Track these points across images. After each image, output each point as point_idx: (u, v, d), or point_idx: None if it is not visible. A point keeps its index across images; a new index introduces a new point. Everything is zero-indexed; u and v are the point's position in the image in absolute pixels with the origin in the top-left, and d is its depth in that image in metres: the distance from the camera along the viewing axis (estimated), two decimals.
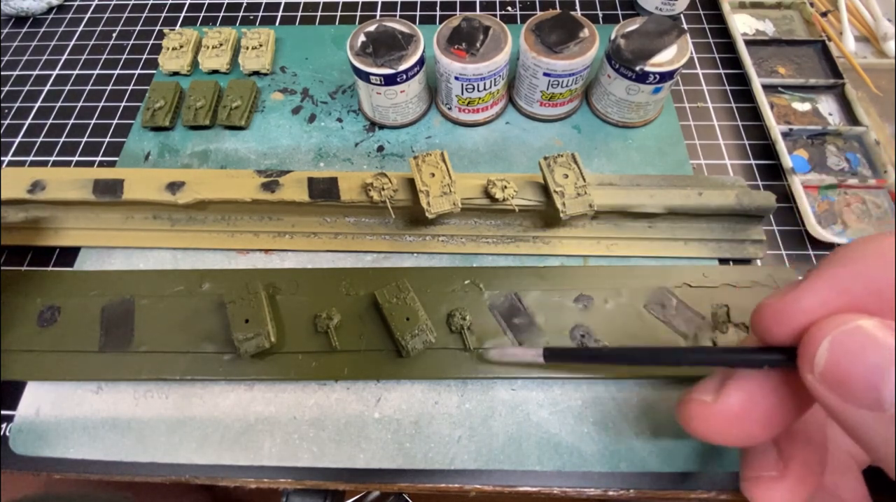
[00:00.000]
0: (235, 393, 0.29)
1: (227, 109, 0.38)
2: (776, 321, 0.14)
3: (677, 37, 0.34)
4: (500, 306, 0.30)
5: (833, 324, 0.13)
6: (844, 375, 0.12)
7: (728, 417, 0.16)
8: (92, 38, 0.46)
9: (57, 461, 0.28)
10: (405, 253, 0.33)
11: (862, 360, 0.12)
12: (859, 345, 0.12)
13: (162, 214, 0.34)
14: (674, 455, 0.27)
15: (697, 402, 0.16)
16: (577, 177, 0.30)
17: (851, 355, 0.12)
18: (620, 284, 0.30)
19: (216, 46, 0.42)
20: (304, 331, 0.29)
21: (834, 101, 0.39)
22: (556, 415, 0.28)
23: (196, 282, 0.31)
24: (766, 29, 0.44)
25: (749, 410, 0.15)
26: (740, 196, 0.31)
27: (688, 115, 0.39)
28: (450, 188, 0.30)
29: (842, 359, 0.12)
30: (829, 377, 0.12)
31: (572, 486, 0.27)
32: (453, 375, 0.28)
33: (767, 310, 0.15)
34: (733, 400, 0.15)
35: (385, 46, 0.34)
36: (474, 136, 0.38)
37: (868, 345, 0.12)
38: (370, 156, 0.38)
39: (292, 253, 0.34)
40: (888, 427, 0.11)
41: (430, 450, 0.27)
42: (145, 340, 0.29)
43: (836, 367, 0.12)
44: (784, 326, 0.14)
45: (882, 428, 0.11)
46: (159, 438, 0.28)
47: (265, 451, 0.28)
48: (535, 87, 0.36)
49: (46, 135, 0.40)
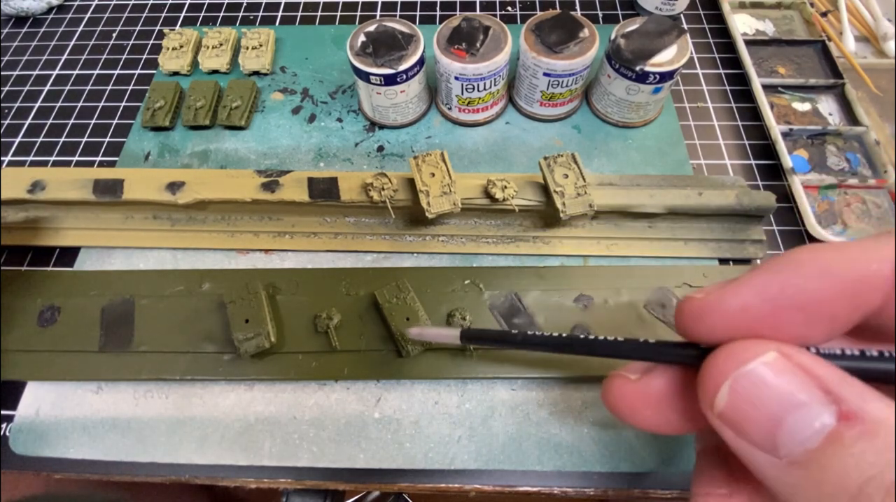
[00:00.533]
0: (235, 393, 0.29)
1: (227, 109, 0.38)
2: (695, 318, 0.14)
3: (677, 37, 0.34)
4: (500, 306, 0.30)
5: (733, 361, 0.13)
6: (742, 419, 0.12)
7: (646, 399, 0.15)
8: (92, 38, 0.46)
9: (57, 461, 0.28)
10: (405, 253, 0.33)
11: (758, 408, 0.12)
12: (757, 391, 0.12)
13: (162, 214, 0.34)
14: (673, 455, 0.27)
15: (620, 378, 0.16)
16: (577, 177, 0.30)
17: (749, 402, 0.12)
18: (620, 284, 0.30)
19: (216, 46, 0.42)
20: (304, 331, 0.29)
21: (834, 101, 0.39)
22: (556, 415, 0.28)
23: (196, 282, 0.31)
24: (766, 29, 0.44)
25: (669, 397, 0.15)
26: (740, 196, 0.31)
27: (688, 114, 0.39)
28: (450, 188, 0.30)
29: (740, 405, 0.12)
30: (727, 418, 0.12)
31: (572, 486, 0.27)
32: (453, 375, 0.28)
33: (689, 306, 0.14)
34: (655, 383, 0.15)
35: (385, 46, 0.34)
36: (474, 136, 0.38)
37: (765, 392, 0.12)
38: (370, 156, 0.38)
39: (292, 253, 0.34)
40: (785, 471, 0.11)
41: (430, 450, 0.27)
42: (145, 340, 0.29)
43: (734, 412, 0.12)
44: (702, 325, 0.14)
45: (779, 471, 0.12)
46: (159, 438, 0.28)
47: (265, 451, 0.28)
48: (535, 87, 0.36)
49: (46, 135, 0.40)
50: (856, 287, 0.13)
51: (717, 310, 0.14)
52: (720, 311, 0.14)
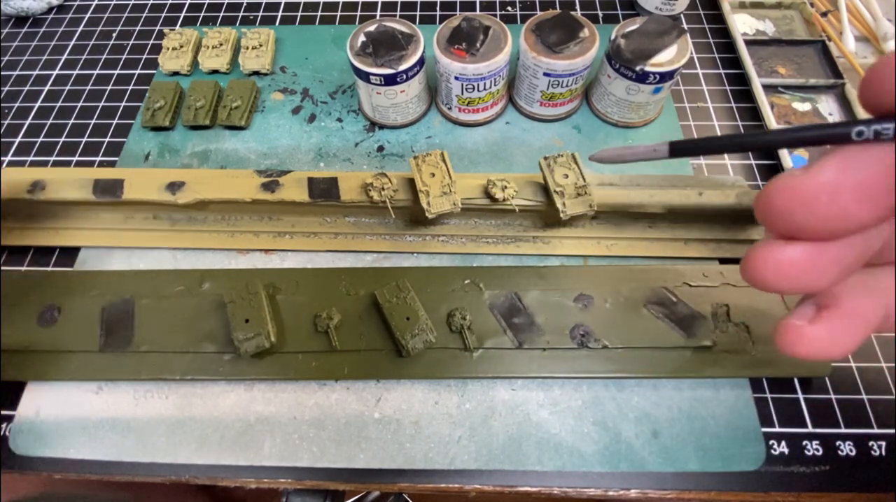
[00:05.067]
0: (235, 393, 0.29)
1: (227, 109, 0.38)
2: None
3: (677, 37, 0.34)
4: (501, 306, 0.30)
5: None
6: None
7: (818, 190, 0.12)
8: (92, 38, 0.46)
9: (57, 461, 0.28)
10: (405, 253, 0.33)
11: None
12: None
13: (162, 214, 0.34)
14: (674, 455, 0.27)
15: (785, 177, 0.13)
16: (577, 177, 0.30)
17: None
18: (620, 284, 0.30)
19: (216, 46, 0.42)
20: (304, 330, 0.29)
21: (834, 101, 0.39)
22: (556, 415, 0.28)
23: (196, 282, 0.31)
24: (766, 29, 0.44)
25: (845, 180, 0.12)
26: (740, 196, 0.31)
27: (688, 114, 0.39)
28: (450, 188, 0.30)
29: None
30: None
31: (572, 486, 0.27)
32: (453, 375, 0.28)
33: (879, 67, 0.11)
34: (827, 171, 0.12)
35: (385, 46, 0.34)
36: (474, 136, 0.38)
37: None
38: (370, 156, 0.38)
39: (292, 253, 0.34)
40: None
41: (430, 450, 0.27)
42: (145, 340, 0.29)
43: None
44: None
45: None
46: (159, 438, 0.28)
47: (265, 451, 0.28)
48: (535, 87, 0.36)
49: (46, 135, 0.40)
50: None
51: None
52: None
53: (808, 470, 0.27)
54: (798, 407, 0.28)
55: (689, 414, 0.28)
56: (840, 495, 0.26)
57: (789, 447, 0.27)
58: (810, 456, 0.27)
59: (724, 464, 0.27)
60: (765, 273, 0.13)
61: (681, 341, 0.28)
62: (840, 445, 0.27)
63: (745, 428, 0.27)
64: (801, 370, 0.28)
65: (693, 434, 0.27)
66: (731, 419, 0.28)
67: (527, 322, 0.29)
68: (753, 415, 0.28)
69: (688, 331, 0.28)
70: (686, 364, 0.28)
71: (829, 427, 0.28)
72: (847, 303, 0.14)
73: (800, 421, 0.28)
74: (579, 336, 0.29)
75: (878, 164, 0.12)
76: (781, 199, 0.12)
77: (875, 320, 0.14)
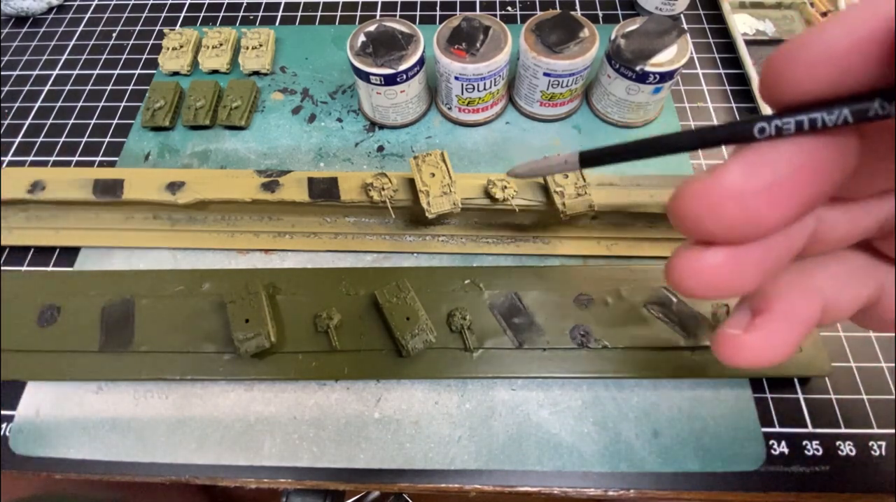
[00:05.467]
0: (235, 393, 0.29)
1: (227, 109, 0.38)
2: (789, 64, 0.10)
3: (677, 37, 0.34)
4: (500, 306, 0.30)
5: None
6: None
7: (723, 196, 0.11)
8: (92, 38, 0.46)
9: (57, 461, 0.28)
10: (405, 253, 0.33)
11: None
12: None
13: (162, 214, 0.34)
14: (674, 455, 0.27)
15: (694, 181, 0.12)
16: (577, 177, 0.30)
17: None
18: (620, 284, 0.30)
19: (216, 46, 0.42)
20: (304, 330, 0.29)
21: None
22: (556, 415, 0.28)
23: (196, 282, 0.31)
24: (766, 29, 0.44)
25: (764, 178, 0.11)
26: None
27: (688, 114, 0.39)
28: (450, 188, 0.30)
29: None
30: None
31: (572, 486, 0.27)
32: (453, 375, 0.28)
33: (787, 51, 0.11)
34: (731, 175, 0.11)
35: (385, 46, 0.34)
36: (474, 136, 0.38)
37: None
38: (370, 156, 0.38)
39: (292, 253, 0.34)
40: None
41: (430, 451, 0.27)
42: (145, 340, 0.29)
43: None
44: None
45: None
46: (159, 438, 0.28)
47: (265, 451, 0.28)
48: (535, 87, 0.36)
49: (46, 135, 0.40)
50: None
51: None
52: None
53: (808, 470, 0.27)
54: (798, 407, 0.28)
55: (689, 414, 0.28)
56: (840, 495, 0.26)
57: (789, 447, 0.27)
58: (810, 456, 0.27)
59: (724, 464, 0.27)
60: (687, 281, 0.13)
61: (681, 341, 0.28)
62: (840, 445, 0.27)
63: (745, 428, 0.27)
64: (801, 370, 0.28)
65: (693, 434, 0.27)
66: (731, 419, 0.28)
67: (527, 322, 0.29)
68: (753, 415, 0.28)
69: (688, 331, 0.28)
70: (686, 364, 0.28)
71: (829, 427, 0.28)
72: (780, 304, 0.13)
73: (800, 421, 0.28)
74: (579, 336, 0.29)
75: (783, 163, 0.11)
76: (689, 206, 0.12)
77: (812, 317, 0.13)
